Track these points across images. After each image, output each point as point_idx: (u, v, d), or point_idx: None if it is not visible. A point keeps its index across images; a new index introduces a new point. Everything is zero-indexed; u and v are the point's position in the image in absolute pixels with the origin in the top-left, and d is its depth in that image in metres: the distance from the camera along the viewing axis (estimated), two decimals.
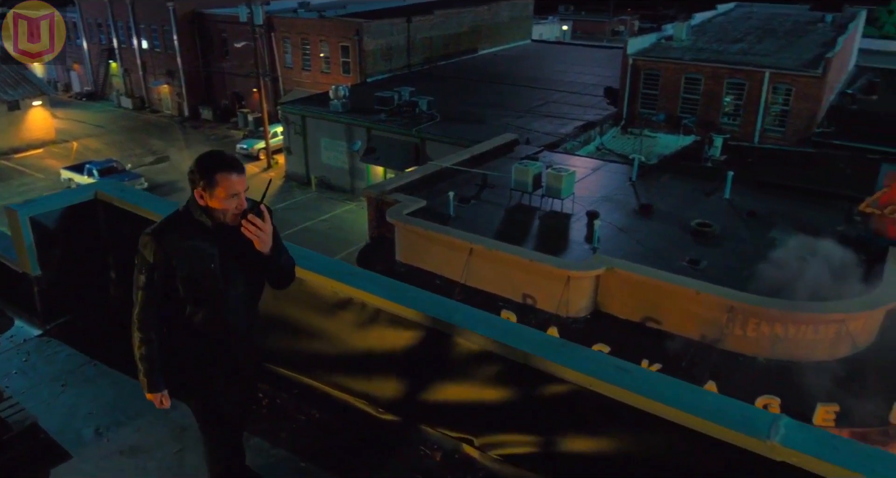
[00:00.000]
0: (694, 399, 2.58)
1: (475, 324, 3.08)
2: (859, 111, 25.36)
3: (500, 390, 3.05)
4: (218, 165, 2.63)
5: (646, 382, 2.66)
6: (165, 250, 2.65)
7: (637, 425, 2.66)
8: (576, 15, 77.22)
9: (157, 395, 2.81)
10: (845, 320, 11.95)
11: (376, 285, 3.44)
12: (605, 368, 2.75)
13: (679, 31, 29.21)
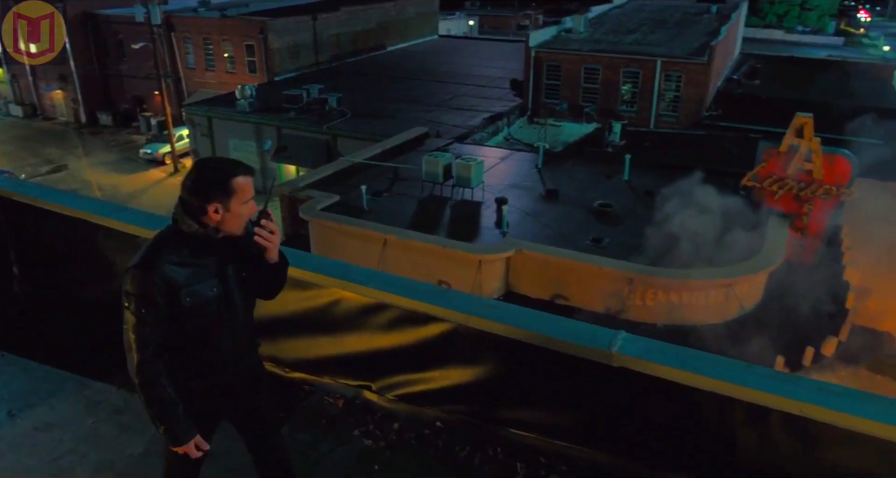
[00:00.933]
0: (551, 325, 3.03)
1: (367, 279, 3.43)
2: (743, 95, 27.29)
3: (392, 337, 3.41)
4: (230, 171, 2.37)
5: (510, 314, 3.09)
6: (163, 280, 2.33)
7: (506, 351, 3.08)
8: (482, 10, 78.46)
9: (191, 444, 2.46)
10: (732, 285, 13.07)
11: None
12: (477, 306, 3.16)
13: (577, 24, 30.44)
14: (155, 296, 2.34)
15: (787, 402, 2.58)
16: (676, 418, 2.85)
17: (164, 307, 2.36)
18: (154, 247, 2.39)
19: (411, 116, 24.68)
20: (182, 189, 2.39)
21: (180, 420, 2.43)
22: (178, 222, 2.39)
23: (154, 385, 2.40)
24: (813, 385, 2.66)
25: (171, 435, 2.44)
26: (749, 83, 29.29)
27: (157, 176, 30.22)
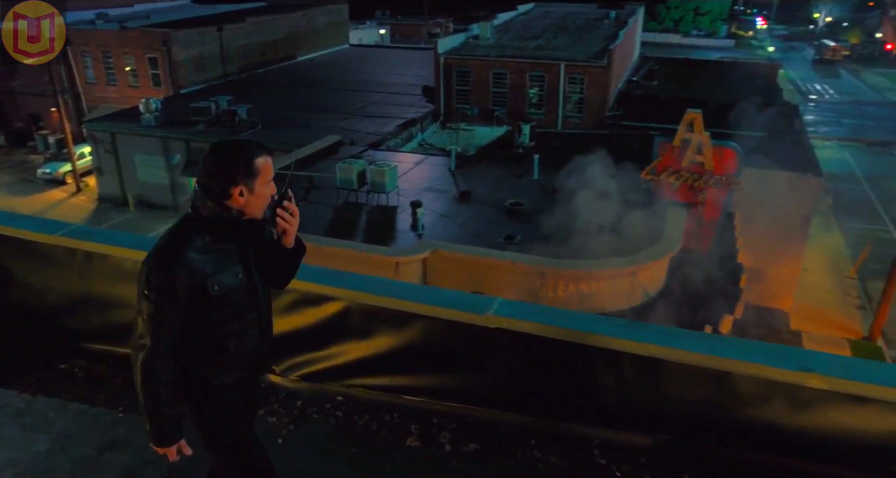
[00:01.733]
0: (435, 295, 3.33)
1: None
2: (643, 95, 28.75)
3: (291, 320, 3.61)
4: (253, 152, 2.30)
5: (398, 289, 3.36)
6: (188, 270, 2.23)
7: (396, 323, 3.35)
8: (393, 19, 78.89)
9: (175, 446, 2.39)
10: (636, 272, 13.84)
11: None
12: (367, 283, 3.42)
13: (484, 31, 31.24)
14: (178, 287, 2.23)
15: (637, 345, 2.96)
16: (546, 368, 3.19)
17: (186, 300, 2.25)
18: (177, 235, 2.30)
19: (324, 125, 24.68)
20: (202, 174, 2.31)
21: (169, 421, 2.34)
22: (200, 209, 2.29)
23: (156, 381, 2.29)
24: (658, 330, 3.05)
25: (155, 434, 2.35)
26: (648, 84, 30.86)
27: (58, 196, 28.83)
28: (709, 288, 14.22)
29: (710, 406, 2.95)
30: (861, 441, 2.73)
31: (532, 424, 3.23)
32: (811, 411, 2.76)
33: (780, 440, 2.83)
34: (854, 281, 20.57)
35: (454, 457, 3.13)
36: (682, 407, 3.02)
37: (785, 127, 23.22)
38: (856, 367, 2.82)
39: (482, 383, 3.36)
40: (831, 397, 2.72)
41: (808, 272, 19.81)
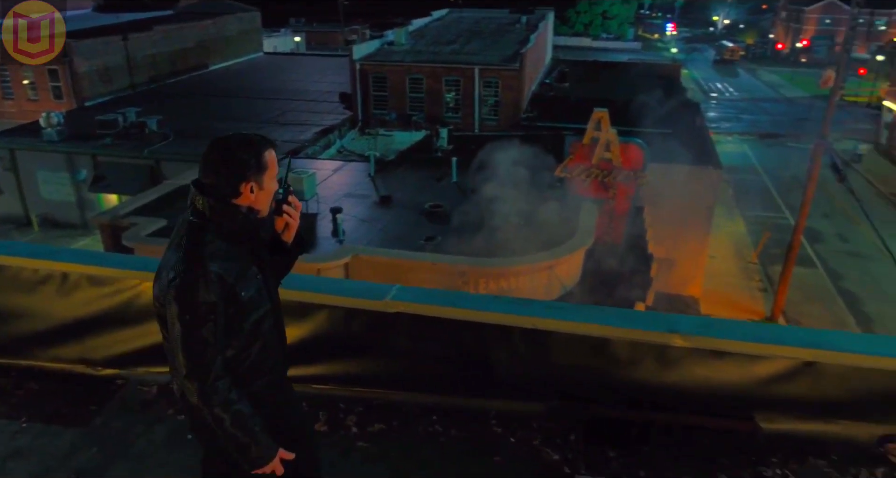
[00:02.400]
0: (335, 286, 3.47)
1: None
2: (555, 97, 29.71)
3: None
4: (261, 146, 2.20)
5: (300, 281, 3.48)
6: (219, 279, 2.09)
7: (301, 314, 3.47)
8: (308, 27, 78.09)
9: (277, 458, 2.25)
10: (553, 266, 14.35)
11: (74, 255, 3.84)
12: None
13: (399, 37, 31.48)
14: (217, 300, 2.09)
15: (524, 319, 3.20)
16: (445, 348, 3.39)
17: (223, 313, 2.12)
18: (193, 246, 2.13)
19: None
20: (207, 174, 2.18)
21: (263, 435, 2.18)
22: (205, 212, 2.15)
23: (231, 402, 2.13)
24: (543, 304, 3.31)
25: (258, 455, 2.17)
26: (560, 86, 31.89)
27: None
28: (622, 278, 14.90)
29: (593, 371, 3.22)
30: (719, 391, 3.06)
31: (434, 402, 3.42)
32: (677, 368, 3.07)
33: (652, 396, 3.13)
34: (756, 266, 21.94)
35: (360, 438, 3.28)
36: (569, 374, 3.28)
37: (687, 123, 24.48)
38: (714, 325, 3.15)
39: (386, 366, 3.52)
40: (694, 353, 3.03)
41: (714, 259, 21.00)
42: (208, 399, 2.12)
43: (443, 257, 13.77)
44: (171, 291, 2.10)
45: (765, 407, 3.06)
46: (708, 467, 2.90)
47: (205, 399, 2.12)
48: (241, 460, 2.20)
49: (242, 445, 2.16)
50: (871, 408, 3.01)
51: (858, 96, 49.92)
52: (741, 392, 3.06)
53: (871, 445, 3.00)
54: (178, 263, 2.12)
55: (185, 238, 2.18)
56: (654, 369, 3.11)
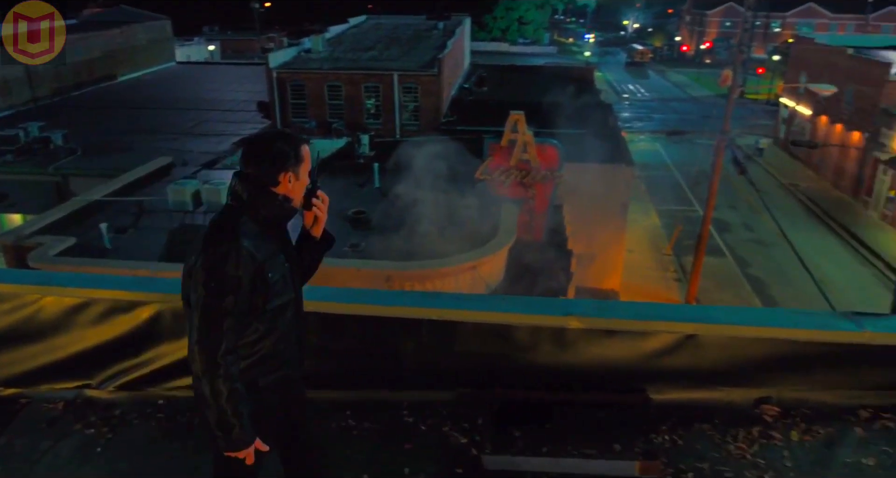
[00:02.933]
0: None
1: (68, 280, 3.60)
2: (474, 101, 30.20)
3: (103, 331, 3.61)
4: (298, 139, 2.37)
5: None
6: (250, 257, 2.17)
7: None
8: (222, 35, 76.26)
9: (252, 447, 2.26)
10: (476, 266, 14.61)
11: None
12: (176, 285, 3.51)
13: (316, 44, 31.25)
14: (243, 276, 2.16)
15: (431, 311, 3.32)
16: (356, 344, 3.48)
17: (248, 290, 2.19)
18: (226, 223, 2.24)
19: (153, 147, 23.48)
20: (248, 164, 2.33)
21: (248, 424, 2.20)
22: (246, 198, 2.27)
23: (233, 378, 2.16)
24: (449, 296, 3.45)
25: (238, 436, 2.19)
26: (478, 90, 32.44)
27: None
28: (543, 274, 15.32)
29: (498, 357, 3.38)
30: (613, 367, 3.29)
31: (347, 397, 3.50)
32: (574, 349, 3.27)
33: (553, 377, 3.32)
34: (671, 257, 22.98)
35: None
36: (476, 361, 3.43)
37: (601, 124, 25.38)
38: (606, 307, 3.38)
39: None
40: (588, 334, 3.24)
41: (632, 253, 21.86)
42: (213, 369, 2.14)
43: (368, 263, 13.80)
44: (202, 259, 2.17)
45: (654, 379, 3.30)
46: (605, 439, 3.11)
47: (210, 368, 2.14)
48: (219, 438, 2.21)
49: (228, 423, 2.18)
50: (747, 374, 3.29)
51: (758, 94, 53.05)
52: (632, 367, 3.29)
53: (748, 407, 3.28)
54: (212, 238, 2.21)
55: (219, 217, 2.29)
56: (553, 351, 3.30)
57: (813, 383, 3.28)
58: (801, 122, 36.83)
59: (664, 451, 3.05)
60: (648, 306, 3.55)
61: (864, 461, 2.96)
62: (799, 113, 36.90)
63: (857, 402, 3.26)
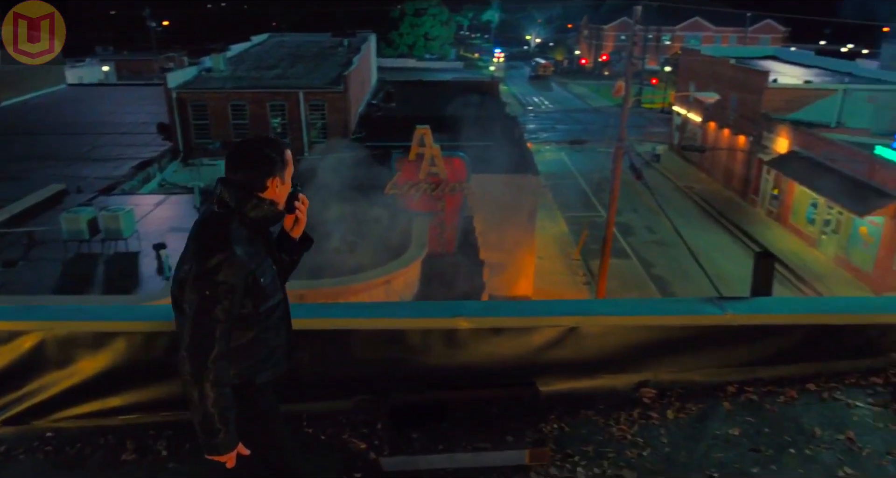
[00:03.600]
0: (133, 312, 3.43)
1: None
2: (382, 116, 30.32)
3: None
4: (283, 144, 2.44)
5: (93, 312, 3.41)
6: (242, 264, 2.23)
7: (93, 345, 3.39)
8: (117, 55, 73.19)
9: (234, 451, 2.32)
10: (390, 281, 14.67)
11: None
12: (59, 312, 3.41)
13: (217, 63, 30.58)
14: (236, 283, 2.21)
15: (326, 321, 3.38)
16: None
17: (241, 295, 2.25)
18: (219, 229, 2.27)
19: (44, 174, 22.20)
20: (236, 171, 2.35)
21: (233, 429, 2.27)
22: (235, 205, 2.31)
23: (223, 384, 2.22)
24: (341, 306, 3.51)
25: (223, 441, 2.25)
26: (386, 106, 32.60)
27: None
28: (457, 284, 15.56)
29: (392, 362, 3.47)
30: (503, 363, 3.45)
31: None
32: (465, 348, 3.41)
33: (446, 377, 3.45)
34: (579, 261, 23.83)
35: (171, 460, 3.27)
36: (372, 367, 3.50)
37: (507, 135, 26.08)
38: (493, 307, 3.54)
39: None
40: (477, 333, 3.39)
41: (542, 259, 22.52)
42: (203, 374, 2.19)
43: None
44: (195, 267, 2.21)
45: (542, 372, 3.48)
46: (498, 432, 3.25)
47: (199, 372, 2.19)
48: (204, 442, 2.27)
49: (214, 428, 2.23)
50: (627, 361, 3.53)
51: (654, 103, 55.97)
52: (521, 362, 3.46)
53: (629, 392, 3.51)
54: (205, 245, 2.25)
55: (208, 224, 2.33)
56: (445, 352, 3.43)
57: (685, 364, 3.55)
58: (692, 128, 39.14)
59: (553, 438, 3.22)
60: (532, 304, 3.75)
61: (731, 432, 3.24)
62: (690, 120, 39.22)
63: (724, 379, 3.56)
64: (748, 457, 3.07)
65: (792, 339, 3.56)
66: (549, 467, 3.03)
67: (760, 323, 3.53)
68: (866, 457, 3.05)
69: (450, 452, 3.06)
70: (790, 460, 3.04)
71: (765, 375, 3.56)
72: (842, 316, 3.61)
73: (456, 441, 3.17)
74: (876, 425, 3.25)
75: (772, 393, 3.48)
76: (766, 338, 3.55)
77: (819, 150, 25.80)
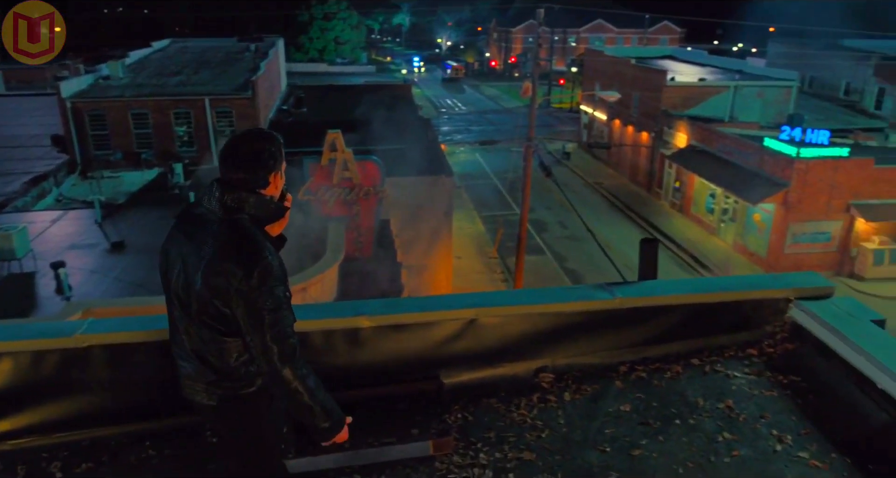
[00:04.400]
0: (16, 330, 3.27)
1: None
2: (294, 122, 29.84)
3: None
4: (276, 135, 2.41)
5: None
6: (284, 268, 2.35)
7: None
8: (5, 64, 68.59)
9: (345, 426, 2.52)
10: (305, 288, 14.47)
11: None
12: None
13: (115, 70, 29.28)
14: (285, 285, 2.32)
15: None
16: (149, 372, 3.39)
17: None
18: (248, 235, 2.28)
19: None
20: (236, 170, 2.30)
21: (335, 404, 2.46)
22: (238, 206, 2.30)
23: (310, 376, 2.36)
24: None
25: (336, 422, 2.45)
26: (297, 111, 32.13)
27: None
28: (375, 288, 15.54)
29: None
30: (406, 359, 3.51)
31: (147, 428, 3.39)
32: (368, 346, 3.46)
33: (351, 376, 3.48)
34: (496, 260, 24.28)
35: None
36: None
37: (421, 138, 26.27)
38: (394, 304, 3.60)
39: (89, 404, 3.40)
40: (379, 330, 3.44)
41: (460, 259, 22.80)
42: (302, 377, 2.33)
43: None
44: (248, 281, 2.21)
45: (446, 365, 3.57)
46: (404, 426, 3.31)
47: (300, 378, 2.33)
48: (322, 428, 2.44)
49: (326, 414, 2.41)
50: (526, 348, 3.67)
51: (563, 103, 57.68)
52: (425, 356, 3.54)
53: (529, 378, 3.66)
54: (241, 257, 2.23)
55: (227, 231, 2.27)
56: (349, 351, 3.46)
57: (580, 348, 3.73)
58: (599, 126, 40.65)
59: (457, 428, 3.31)
60: (432, 299, 3.84)
61: (622, 408, 3.43)
62: (597, 118, 40.71)
63: (616, 360, 3.76)
64: (638, 430, 3.26)
65: (676, 318, 3.80)
66: (452, 455, 3.12)
67: (647, 305, 3.75)
68: (743, 422, 3.30)
69: (355, 449, 3.09)
70: (675, 430, 3.26)
71: (653, 353, 3.79)
72: (720, 294, 3.88)
73: (362, 438, 3.20)
74: (752, 392, 3.52)
75: (660, 370, 3.70)
76: (654, 319, 3.78)
77: (714, 143, 27.37)
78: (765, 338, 3.89)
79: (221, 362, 2.40)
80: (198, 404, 2.55)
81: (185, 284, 2.35)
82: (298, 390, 2.34)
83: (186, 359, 2.48)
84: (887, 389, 3.10)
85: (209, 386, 2.46)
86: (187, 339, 2.44)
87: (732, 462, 3.04)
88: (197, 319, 2.36)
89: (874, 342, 3.34)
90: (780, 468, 2.99)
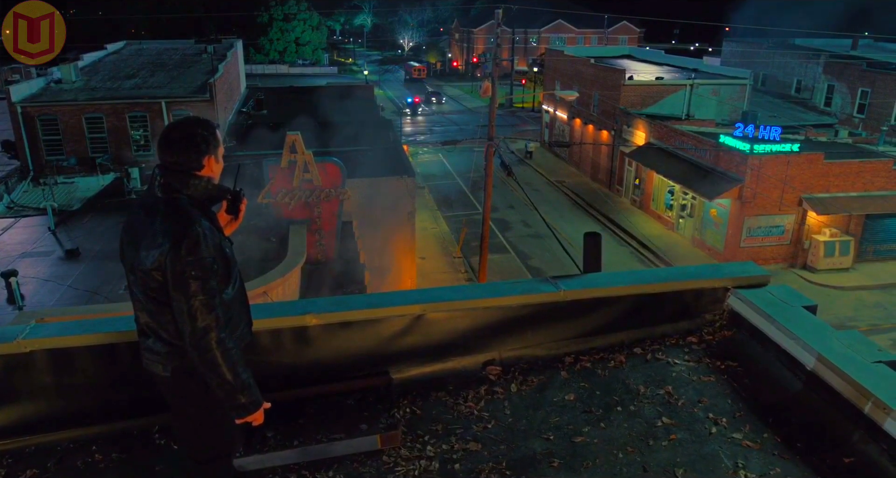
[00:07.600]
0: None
1: None
2: (253, 125, 29.51)
3: None
4: (212, 123, 2.52)
5: None
6: (217, 236, 2.41)
7: None
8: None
9: (261, 409, 2.55)
10: (267, 291, 14.35)
11: None
12: None
13: (68, 73, 28.55)
14: (215, 255, 2.37)
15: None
16: (95, 375, 3.37)
17: (219, 265, 2.42)
18: (182, 210, 2.37)
19: None
20: (171, 154, 2.42)
21: (254, 384, 2.49)
22: (179, 186, 2.40)
23: (232, 351, 2.38)
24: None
25: (251, 401, 2.48)
26: (257, 114, 31.78)
27: None
28: (338, 290, 15.48)
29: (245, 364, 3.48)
30: (355, 356, 3.56)
31: (93, 432, 3.37)
32: (315, 344, 3.49)
33: (300, 374, 3.51)
34: (461, 259, 24.38)
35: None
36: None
37: (382, 139, 26.25)
38: (341, 301, 3.64)
39: (33, 409, 3.37)
40: (327, 328, 3.47)
41: (424, 259, 22.85)
42: (221, 343, 2.36)
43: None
44: (173, 251, 2.30)
45: (395, 361, 3.63)
46: (353, 422, 3.35)
47: (223, 350, 2.36)
48: (236, 404, 2.47)
49: (240, 391, 2.43)
50: (473, 342, 3.74)
51: (525, 102, 58.14)
52: (373, 353, 3.58)
53: (477, 371, 3.73)
54: (172, 229, 2.33)
55: (165, 208, 2.39)
56: (297, 350, 3.49)
57: (526, 340, 3.82)
58: (560, 125, 41.09)
59: (405, 422, 3.37)
60: (379, 295, 3.88)
61: (567, 398, 3.53)
62: (558, 117, 41.14)
63: (562, 351, 3.86)
64: (581, 418, 3.36)
65: (620, 309, 3.92)
66: (400, 449, 3.17)
67: (591, 297, 3.85)
68: (681, 407, 3.43)
69: (303, 446, 3.12)
70: (617, 417, 3.36)
71: (598, 344, 3.90)
72: (661, 285, 4.01)
73: (311, 435, 3.24)
74: (690, 378, 3.65)
75: (604, 359, 3.81)
76: (598, 310, 3.89)
77: (672, 140, 27.92)
78: (704, 326, 4.03)
79: (170, 334, 2.49)
80: (156, 376, 2.63)
81: (135, 260, 2.48)
82: (217, 362, 2.38)
83: (143, 333, 2.60)
84: (815, 370, 3.25)
85: (163, 358, 2.55)
86: (142, 314, 2.56)
87: (670, 445, 3.15)
88: (143, 292, 2.48)
89: (804, 327, 3.50)
90: (714, 450, 3.11)
